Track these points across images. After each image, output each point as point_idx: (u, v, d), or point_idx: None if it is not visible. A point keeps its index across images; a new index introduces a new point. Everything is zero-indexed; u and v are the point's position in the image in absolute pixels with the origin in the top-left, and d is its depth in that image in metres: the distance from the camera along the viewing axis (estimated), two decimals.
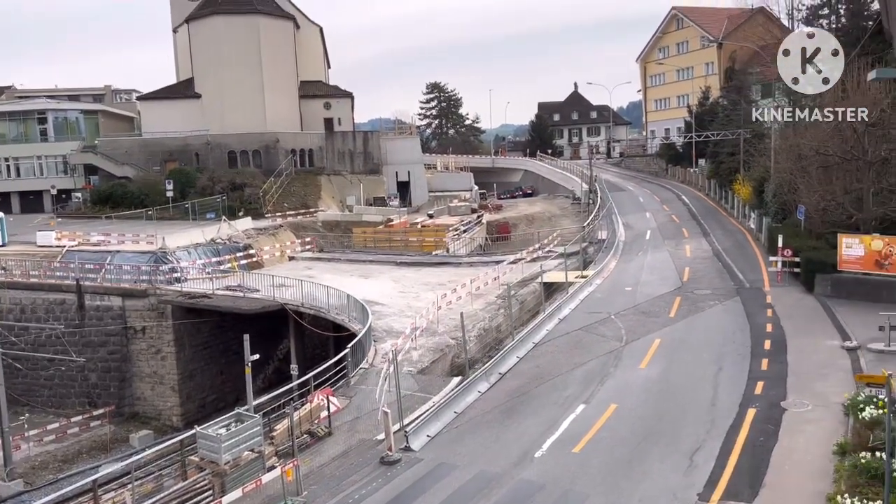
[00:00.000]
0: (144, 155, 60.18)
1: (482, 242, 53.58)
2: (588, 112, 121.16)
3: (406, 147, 69.01)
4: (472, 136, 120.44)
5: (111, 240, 41.04)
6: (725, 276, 33.55)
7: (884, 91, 28.85)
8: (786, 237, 31.73)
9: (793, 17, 50.71)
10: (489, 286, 33.86)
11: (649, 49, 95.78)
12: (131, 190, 54.28)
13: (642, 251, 41.12)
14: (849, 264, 28.57)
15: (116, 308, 35.01)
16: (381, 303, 31.84)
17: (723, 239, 42.29)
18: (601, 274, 35.70)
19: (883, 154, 29.14)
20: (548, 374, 22.07)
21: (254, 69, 62.11)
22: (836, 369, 20.83)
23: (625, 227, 48.65)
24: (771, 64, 51.44)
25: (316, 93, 68.27)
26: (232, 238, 43.31)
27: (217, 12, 62.35)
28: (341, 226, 52.62)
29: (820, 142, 31.69)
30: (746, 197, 46.41)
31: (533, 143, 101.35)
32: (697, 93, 75.77)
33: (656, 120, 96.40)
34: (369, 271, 40.13)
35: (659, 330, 25.86)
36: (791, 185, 34.99)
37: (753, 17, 63.07)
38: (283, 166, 58.22)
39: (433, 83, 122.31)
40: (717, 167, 58.37)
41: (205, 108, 62.76)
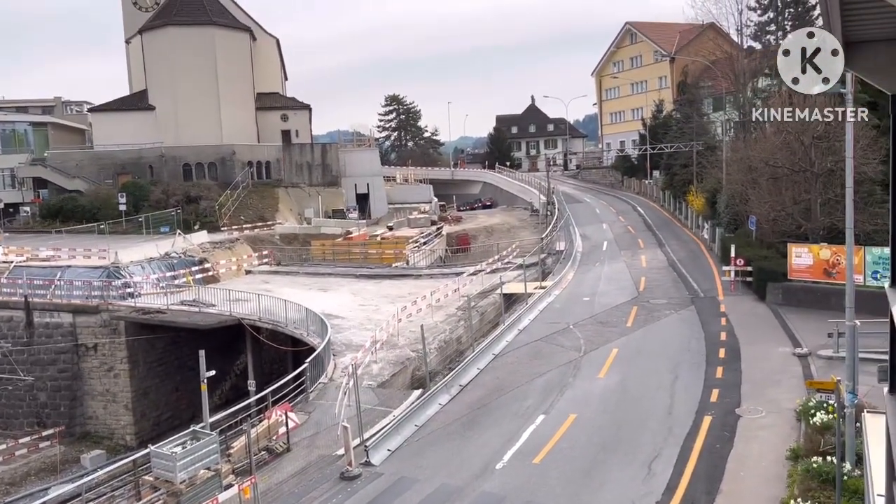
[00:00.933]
0: (96, 168, 58.83)
1: (442, 254, 53.64)
2: (545, 125, 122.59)
3: (365, 159, 68.86)
4: (431, 148, 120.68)
5: (61, 255, 39.90)
6: (680, 286, 34.16)
7: (829, 104, 29.76)
8: (738, 247, 32.49)
9: (742, 32, 52.17)
10: (449, 298, 33.87)
11: (604, 63, 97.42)
12: (82, 204, 52.93)
13: (599, 262, 41.64)
14: (799, 273, 29.38)
15: (67, 325, 34.04)
16: (340, 316, 31.59)
17: (678, 249, 43.08)
18: (560, 284, 36.04)
19: (829, 166, 30.10)
20: (508, 386, 22.15)
21: (209, 81, 61.32)
22: (788, 376, 21.35)
23: (582, 238, 49.22)
24: (721, 78, 52.96)
25: (273, 105, 67.70)
26: (187, 252, 42.52)
27: (171, 23, 61.47)
28: (299, 238, 52.11)
29: (769, 154, 32.62)
30: (700, 208, 47.41)
31: (491, 156, 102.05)
32: (651, 106, 77.29)
33: (612, 133, 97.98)
34: (328, 284, 39.81)
35: (616, 339, 26.19)
36: (742, 196, 35.89)
37: (704, 32, 64.66)
38: (239, 179, 57.50)
39: (392, 95, 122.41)
40: (671, 179, 59.55)
41: (159, 120, 61.72)
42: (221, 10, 65.07)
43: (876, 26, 9.61)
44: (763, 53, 52.16)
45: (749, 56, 52.64)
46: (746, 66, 49.80)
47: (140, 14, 68.40)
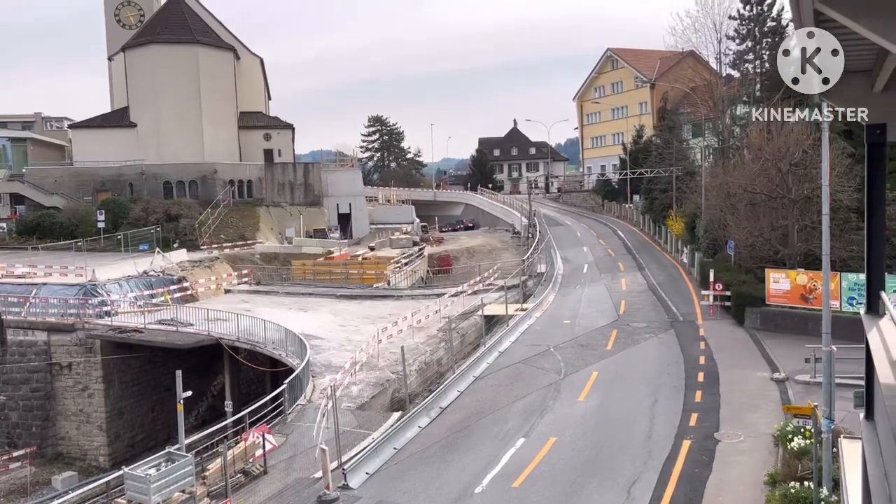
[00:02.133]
0: (75, 184, 58.28)
1: (424, 275, 53.58)
2: (527, 148, 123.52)
3: (347, 179, 68.83)
4: (414, 169, 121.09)
5: (37, 272, 39.33)
6: (660, 310, 34.36)
7: (806, 133, 30.36)
8: (717, 272, 32.79)
9: (721, 61, 53.09)
10: (430, 319, 33.79)
11: (585, 88, 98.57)
12: (60, 220, 52.28)
13: (580, 284, 41.81)
14: (776, 298, 29.68)
15: (41, 343, 33.45)
16: (320, 337, 31.37)
17: (657, 273, 43.40)
18: (541, 307, 36.10)
19: (806, 193, 30.58)
20: (488, 408, 22.06)
21: (192, 99, 61.22)
22: (766, 400, 21.48)
23: (563, 260, 49.43)
24: (701, 104, 53.75)
25: (256, 124, 67.68)
26: (166, 270, 42.11)
27: (155, 41, 61.43)
28: (280, 258, 51.84)
29: (747, 180, 33.07)
30: (679, 232, 47.88)
31: (474, 178, 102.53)
32: (632, 131, 78.23)
33: (593, 157, 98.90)
34: (308, 304, 39.57)
35: (597, 362, 26.23)
36: (721, 221, 36.30)
37: (684, 59, 65.69)
38: (220, 197, 57.21)
39: (375, 116, 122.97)
40: (651, 203, 60.14)
41: (140, 137, 61.42)
42: (206, 30, 65.16)
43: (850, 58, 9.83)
44: (741, 81, 53.07)
45: (728, 84, 53.54)
46: (725, 94, 50.63)
47: (123, 31, 68.36)
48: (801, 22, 7.55)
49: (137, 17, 69.99)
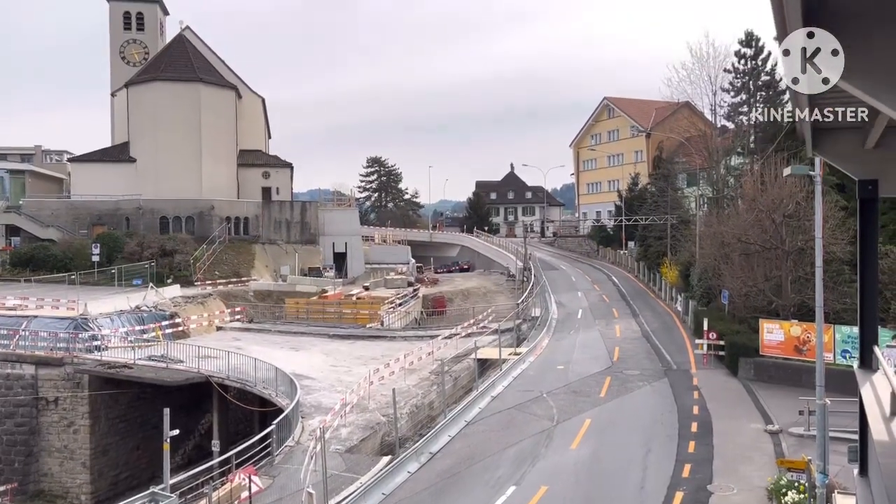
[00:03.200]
0: (71, 218, 58.32)
1: (418, 316, 53.40)
2: (523, 192, 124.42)
3: (344, 218, 69.02)
4: (410, 210, 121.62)
5: (29, 304, 39.05)
6: (654, 358, 34.22)
7: (799, 185, 30.68)
8: (711, 320, 32.77)
9: (715, 112, 53.87)
10: (423, 361, 33.55)
11: (582, 135, 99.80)
12: (55, 253, 52.12)
13: (574, 330, 41.69)
14: (770, 349, 29.62)
15: (28, 377, 33.01)
16: (310, 377, 31.08)
17: (651, 320, 43.33)
18: (534, 351, 35.93)
19: (799, 244, 30.76)
20: (479, 454, 21.78)
21: (192, 136, 61.72)
22: (759, 452, 21.26)
23: (557, 305, 49.38)
24: (695, 154, 54.40)
25: (255, 162, 68.14)
26: (158, 306, 41.88)
27: (158, 79, 62.17)
28: (274, 296, 51.67)
29: (741, 230, 33.27)
30: (673, 280, 47.97)
31: (470, 220, 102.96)
32: (627, 178, 78.96)
33: (588, 203, 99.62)
34: (300, 343, 39.30)
35: (590, 410, 26.01)
36: (715, 270, 36.42)
37: (679, 110, 66.69)
38: (216, 234, 57.25)
39: (374, 157, 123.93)
40: (646, 250, 60.38)
41: (139, 172, 61.71)
42: (209, 68, 66.04)
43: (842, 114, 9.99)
44: (736, 133, 53.80)
45: (722, 135, 54.27)
46: (720, 145, 51.30)
47: (128, 68, 69.27)
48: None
49: (142, 55, 70.98)
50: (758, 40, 51.72)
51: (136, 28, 72.05)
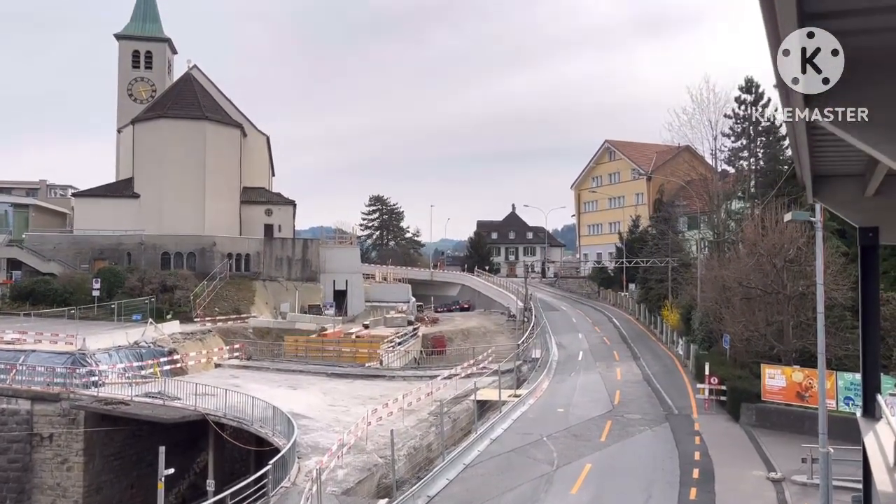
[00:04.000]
0: (73, 252, 58.46)
1: (417, 356, 53.09)
2: (525, 232, 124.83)
3: (345, 256, 69.15)
4: (412, 248, 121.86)
5: (27, 338, 38.92)
6: (655, 402, 33.92)
7: (800, 230, 30.77)
8: (712, 365, 32.55)
9: (716, 156, 54.33)
10: (422, 402, 33.25)
11: (583, 177, 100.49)
12: (55, 287, 52.12)
13: (575, 372, 41.41)
14: (772, 395, 29.35)
15: (24, 412, 32.69)
16: (308, 416, 30.77)
17: (652, 363, 43.06)
18: (534, 393, 35.63)
19: (800, 289, 30.71)
20: (478, 499, 21.45)
21: (197, 173, 62.24)
22: (762, 501, 20.94)
23: (558, 346, 49.12)
24: (696, 198, 54.68)
25: (258, 199, 68.55)
26: (157, 342, 41.71)
27: (164, 116, 62.93)
28: (273, 333, 51.46)
29: (742, 275, 33.25)
30: (674, 323, 47.79)
31: (471, 259, 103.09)
32: (628, 220, 79.24)
33: (589, 244, 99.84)
34: (299, 382, 39.00)
35: (590, 454, 25.69)
36: (716, 314, 36.30)
37: (680, 154, 67.28)
38: (217, 270, 57.31)
39: (376, 196, 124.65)
40: (647, 293, 60.28)
41: (143, 208, 62.07)
42: (215, 107, 66.90)
43: (841, 163, 10.08)
44: (736, 177, 54.16)
45: (723, 179, 54.64)
46: (720, 189, 51.59)
47: (135, 105, 70.20)
48: (793, 129, 7.80)
49: (149, 93, 72.00)
50: (757, 86, 52.44)
51: (144, 66, 73.29)
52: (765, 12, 5.02)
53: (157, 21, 76.12)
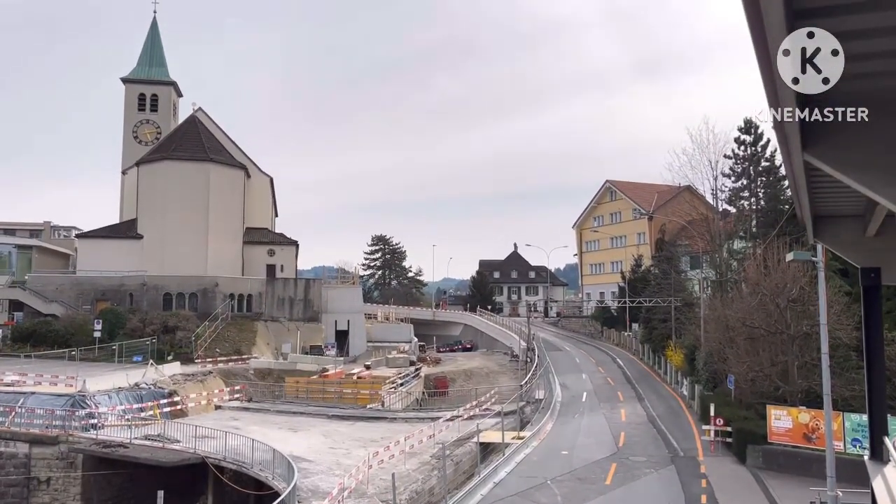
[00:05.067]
0: (76, 293, 58.49)
1: (419, 397, 52.59)
2: (527, 272, 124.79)
3: (347, 296, 69.06)
4: (414, 288, 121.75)
5: (27, 380, 38.68)
6: (660, 443, 33.47)
7: (802, 269, 30.73)
8: (717, 406, 32.20)
9: (717, 196, 54.55)
10: (424, 444, 32.82)
11: (585, 217, 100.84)
12: (56, 328, 52.04)
13: (579, 413, 40.98)
14: (778, 436, 28.96)
15: (22, 455, 32.32)
16: (308, 459, 30.38)
17: (657, 404, 42.63)
18: (538, 435, 35.20)
19: (804, 329, 30.52)
20: None
21: (200, 214, 62.58)
22: None
23: (562, 387, 48.70)
24: (698, 237, 54.77)
25: (261, 239, 68.78)
26: (157, 383, 41.44)
27: (169, 157, 63.55)
28: (274, 374, 51.12)
29: (745, 314, 33.10)
30: (679, 363, 47.46)
31: (473, 299, 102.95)
32: (630, 260, 79.23)
33: (592, 283, 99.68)
34: (299, 424, 38.59)
35: (595, 498, 25.26)
36: (721, 354, 36.06)
37: (681, 194, 67.61)
38: (219, 311, 57.22)
39: (378, 236, 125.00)
40: (650, 333, 59.98)
41: (145, 249, 62.26)
42: (219, 148, 67.60)
43: (841, 203, 10.12)
44: (737, 217, 54.32)
45: (724, 218, 54.78)
46: (722, 228, 51.69)
47: (139, 147, 71.02)
48: (792, 172, 7.85)
49: (154, 135, 72.87)
50: (756, 127, 52.91)
51: (150, 109, 74.36)
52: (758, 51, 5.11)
53: (163, 65, 77.43)
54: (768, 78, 5.20)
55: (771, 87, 5.29)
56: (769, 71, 5.09)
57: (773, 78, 5.12)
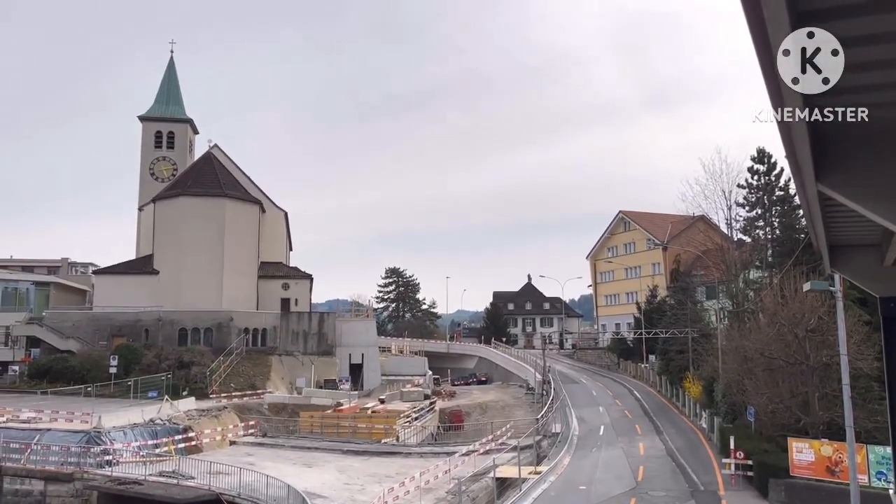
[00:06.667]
0: (92, 329, 58.85)
1: (434, 431, 52.14)
2: (541, 303, 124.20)
3: (361, 329, 68.98)
4: (428, 320, 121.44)
5: (43, 417, 38.76)
6: (679, 478, 32.89)
7: (820, 299, 30.37)
8: (737, 439, 31.65)
9: (731, 226, 54.29)
10: (439, 480, 32.49)
11: (599, 248, 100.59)
12: (73, 364, 52.29)
13: (596, 447, 40.42)
14: (801, 469, 28.39)
15: (37, 493, 32.25)
16: (323, 495, 30.13)
17: (676, 437, 41.99)
18: (555, 470, 34.72)
19: (824, 360, 30.07)
20: None
21: (215, 249, 63.03)
22: None
23: (578, 420, 48.13)
24: (713, 267, 54.41)
25: (275, 273, 69.07)
26: (172, 419, 41.37)
27: (185, 194, 64.27)
28: (288, 409, 50.92)
29: (764, 345, 32.69)
30: (697, 395, 46.83)
31: (488, 331, 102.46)
32: (646, 290, 78.68)
33: (607, 314, 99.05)
34: (314, 459, 38.35)
35: None
36: (739, 385, 35.56)
37: (695, 223, 67.35)
38: (234, 345, 57.31)
39: (392, 268, 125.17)
40: (668, 364, 59.32)
41: (161, 284, 62.66)
42: (234, 184, 68.33)
43: (857, 233, 10.04)
44: (753, 246, 53.97)
45: (739, 248, 54.45)
46: (737, 258, 51.34)
47: (156, 184, 71.96)
48: (806, 202, 7.82)
49: (170, 171, 73.88)
50: (769, 157, 52.84)
51: (166, 146, 75.50)
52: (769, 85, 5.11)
53: (179, 103, 78.80)
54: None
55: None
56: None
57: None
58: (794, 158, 6.23)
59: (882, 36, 4.68)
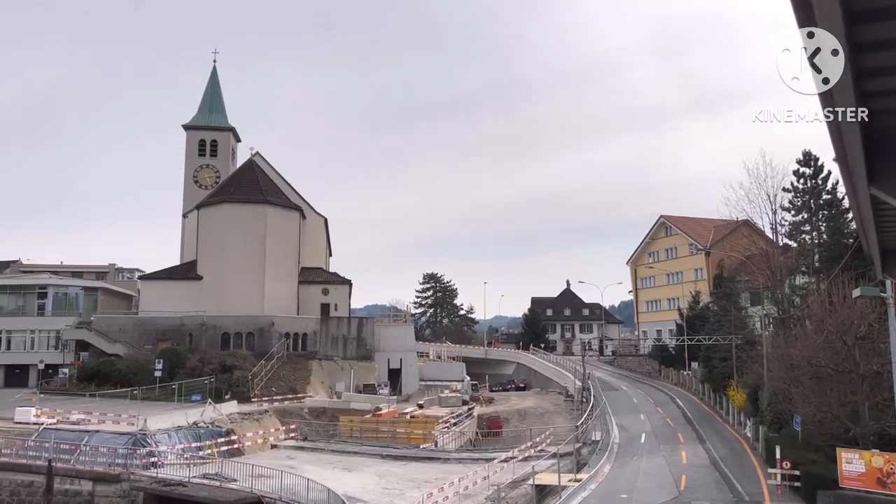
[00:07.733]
0: (138, 333, 60.23)
1: (472, 437, 52.04)
2: (580, 309, 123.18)
3: (400, 334, 69.27)
4: (465, 326, 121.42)
5: (92, 419, 39.81)
6: (724, 488, 32.23)
7: (870, 305, 29.50)
8: (783, 448, 30.91)
9: (776, 231, 53.08)
10: (478, 486, 32.42)
11: (639, 253, 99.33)
12: (119, 368, 53.61)
13: (637, 455, 39.86)
14: (850, 481, 27.58)
15: (86, 493, 33.08)
16: (363, 500, 30.30)
17: (719, 446, 41.20)
18: (595, 478, 34.32)
19: (875, 368, 29.19)
20: None
21: (257, 255, 64.03)
22: None
23: (619, 428, 47.55)
24: (758, 273, 53.29)
25: (315, 279, 69.80)
26: (215, 422, 42.09)
27: (227, 201, 65.41)
28: (328, 413, 51.38)
29: (811, 352, 31.87)
30: (741, 403, 45.89)
31: (526, 337, 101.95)
32: (688, 296, 77.40)
33: (648, 321, 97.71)
34: (353, 464, 38.60)
35: None
36: (785, 394, 34.71)
37: (739, 228, 66.10)
38: (275, 349, 58.07)
39: (430, 274, 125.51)
40: (710, 371, 58.25)
41: (205, 289, 63.83)
42: (276, 191, 69.36)
43: None
44: (799, 251, 52.73)
45: (785, 253, 53.22)
46: (783, 263, 50.18)
47: (200, 191, 73.47)
48: (857, 206, 7.63)
49: (213, 178, 75.36)
50: (816, 160, 51.64)
51: (209, 154, 77.04)
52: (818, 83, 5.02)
53: (222, 112, 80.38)
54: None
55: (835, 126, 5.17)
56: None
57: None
58: (845, 161, 6.10)
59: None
